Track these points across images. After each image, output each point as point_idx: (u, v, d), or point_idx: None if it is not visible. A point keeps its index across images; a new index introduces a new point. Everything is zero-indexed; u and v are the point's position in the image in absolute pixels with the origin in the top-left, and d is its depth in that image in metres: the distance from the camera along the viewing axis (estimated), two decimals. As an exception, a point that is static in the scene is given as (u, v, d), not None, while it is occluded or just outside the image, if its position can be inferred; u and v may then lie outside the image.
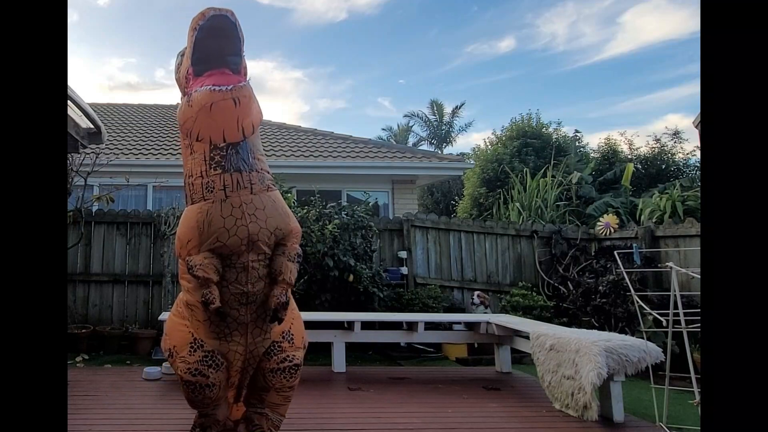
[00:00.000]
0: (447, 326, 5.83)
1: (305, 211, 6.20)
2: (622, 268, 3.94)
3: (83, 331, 6.12)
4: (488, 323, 5.07)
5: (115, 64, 41.85)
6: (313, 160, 9.46)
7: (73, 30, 33.87)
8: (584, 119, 37.06)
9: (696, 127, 5.56)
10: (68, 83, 4.20)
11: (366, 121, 43.44)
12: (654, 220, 7.00)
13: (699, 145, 10.84)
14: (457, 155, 14.60)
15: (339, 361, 4.97)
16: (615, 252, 4.97)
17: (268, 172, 2.63)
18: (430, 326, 5.57)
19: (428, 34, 38.13)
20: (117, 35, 41.10)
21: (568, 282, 6.71)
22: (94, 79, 40.30)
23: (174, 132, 11.21)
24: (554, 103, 36.40)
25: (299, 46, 40.30)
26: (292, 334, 2.79)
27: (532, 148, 12.79)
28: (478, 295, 6.51)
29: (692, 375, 3.13)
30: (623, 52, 34.19)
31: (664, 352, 3.57)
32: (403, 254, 7.11)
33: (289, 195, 6.84)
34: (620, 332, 5.39)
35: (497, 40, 37.13)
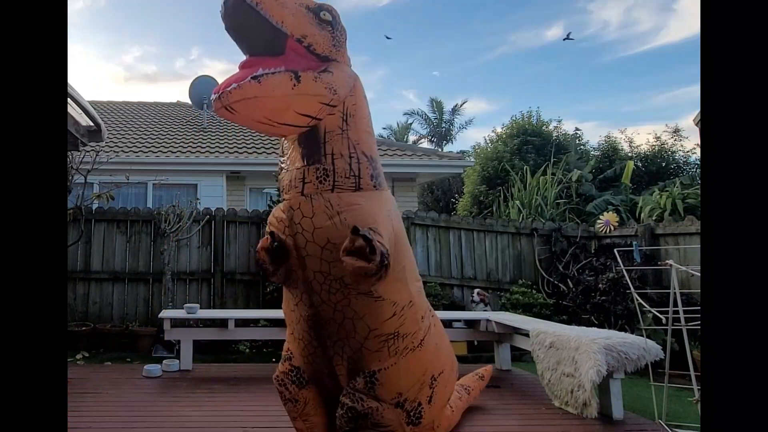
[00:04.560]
0: (447, 324, 5.83)
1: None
2: (622, 266, 3.93)
3: (83, 328, 6.13)
4: (488, 321, 5.08)
5: (133, 53, 40.89)
6: (313, 158, 9.43)
7: (92, 16, 33.18)
8: (617, 113, 36.29)
9: (696, 124, 5.55)
10: (70, 80, 4.20)
11: (392, 114, 42.64)
12: (654, 218, 7.00)
13: (699, 143, 10.83)
14: (458, 153, 14.61)
15: (339, 359, 4.96)
16: (615, 250, 4.97)
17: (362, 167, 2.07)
18: (430, 324, 5.56)
19: (473, 21, 36.74)
20: (138, 22, 39.50)
21: (568, 280, 6.72)
22: (110, 68, 39.55)
23: (173, 130, 11.21)
24: (589, 96, 35.52)
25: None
26: (378, 380, 2.05)
27: (532, 146, 12.78)
28: (478, 293, 6.51)
29: (692, 373, 3.13)
30: (674, 41, 33.09)
31: (664, 349, 3.57)
32: (403, 252, 7.10)
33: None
34: (620, 330, 5.39)
35: (545, 28, 36.00)
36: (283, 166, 2.20)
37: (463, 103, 24.35)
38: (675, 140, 12.57)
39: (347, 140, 2.05)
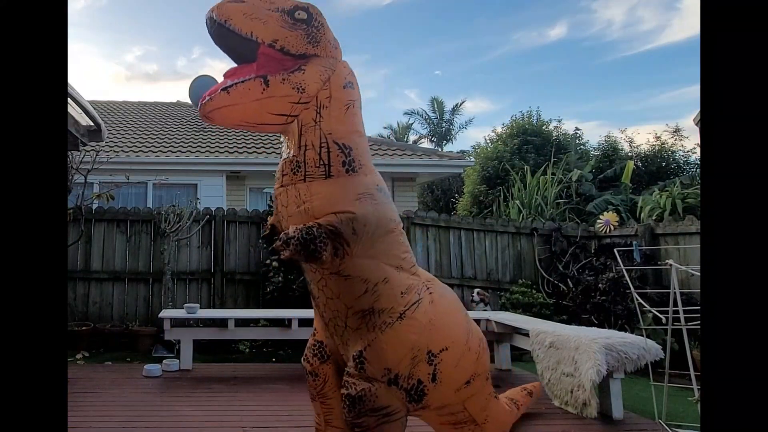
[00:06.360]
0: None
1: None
2: (622, 266, 3.93)
3: (83, 328, 6.13)
4: (488, 320, 5.08)
5: (135, 53, 40.80)
6: (313, 158, 9.44)
7: (93, 16, 33.13)
8: (617, 113, 36.19)
9: (696, 124, 5.55)
10: (71, 80, 4.20)
11: (393, 114, 42.54)
12: (654, 218, 7.00)
13: (699, 143, 10.83)
14: (458, 153, 14.61)
15: (339, 359, 4.96)
16: (615, 249, 4.97)
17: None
18: (430, 324, 5.56)
19: (476, 20, 36.76)
20: (139, 21, 39.54)
21: (568, 279, 6.72)
22: (111, 68, 39.42)
23: (173, 130, 11.20)
24: (590, 95, 35.36)
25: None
26: (366, 359, 2.10)
27: (532, 146, 12.78)
28: (478, 293, 6.51)
29: (691, 372, 3.13)
30: (677, 40, 33.00)
31: (664, 349, 3.57)
32: (403, 252, 7.09)
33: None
34: (620, 329, 5.38)
35: (548, 27, 36.01)
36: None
37: (462, 103, 24.36)
38: (675, 140, 12.59)
39: (319, 131, 2.14)
